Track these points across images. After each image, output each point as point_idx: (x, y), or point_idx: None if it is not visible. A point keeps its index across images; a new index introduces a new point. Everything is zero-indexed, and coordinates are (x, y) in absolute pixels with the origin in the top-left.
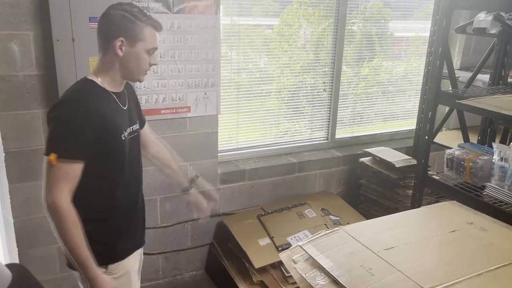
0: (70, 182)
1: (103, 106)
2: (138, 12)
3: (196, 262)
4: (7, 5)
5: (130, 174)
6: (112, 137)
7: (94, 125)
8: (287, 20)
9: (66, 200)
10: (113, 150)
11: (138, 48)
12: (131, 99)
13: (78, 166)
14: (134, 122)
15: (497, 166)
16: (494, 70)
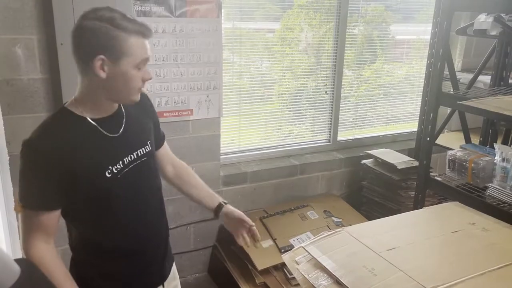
0: (41, 230)
1: (73, 142)
2: (119, 19)
3: (199, 265)
4: (11, 10)
5: (133, 211)
6: (90, 177)
7: (61, 168)
8: (289, 24)
9: (34, 249)
10: (94, 191)
11: (124, 65)
12: (137, 118)
13: (49, 216)
14: (140, 146)
15: (499, 167)
16: (495, 71)
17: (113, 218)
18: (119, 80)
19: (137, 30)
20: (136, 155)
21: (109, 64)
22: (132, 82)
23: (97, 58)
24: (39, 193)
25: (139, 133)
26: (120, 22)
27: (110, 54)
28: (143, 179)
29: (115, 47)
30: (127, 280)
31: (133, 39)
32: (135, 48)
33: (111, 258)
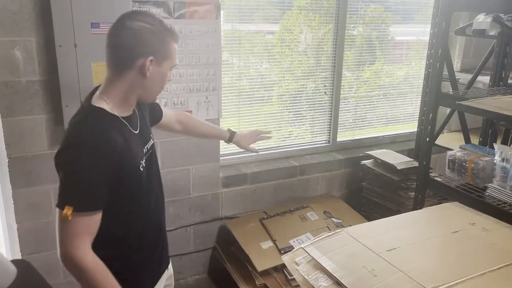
0: (90, 233)
1: (118, 141)
2: (161, 24)
3: (198, 266)
4: (10, 12)
5: (149, 200)
6: (130, 173)
7: (110, 167)
8: (288, 25)
9: (89, 254)
10: (131, 186)
11: (165, 67)
12: (141, 115)
13: (97, 216)
14: (148, 138)
15: (499, 167)
16: (494, 71)
17: (139, 209)
18: (157, 80)
19: (176, 37)
20: (147, 148)
21: (155, 64)
22: (164, 83)
23: (148, 59)
24: (93, 193)
25: (146, 128)
26: (163, 28)
27: (158, 56)
28: (153, 169)
29: (163, 50)
30: (150, 268)
31: (173, 45)
32: (174, 54)
33: (136, 249)
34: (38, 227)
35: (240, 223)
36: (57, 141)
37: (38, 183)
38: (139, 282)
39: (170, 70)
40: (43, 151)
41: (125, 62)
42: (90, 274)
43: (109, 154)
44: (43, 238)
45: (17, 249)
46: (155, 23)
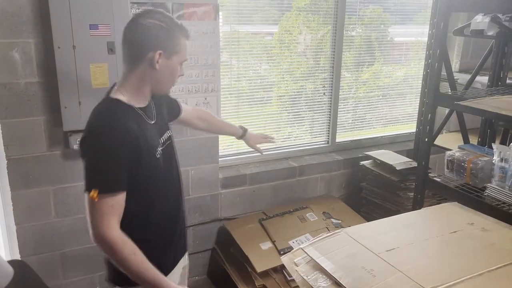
0: (116, 213)
1: (134, 128)
2: (171, 22)
3: (198, 268)
4: (8, 14)
5: (168, 188)
6: (147, 159)
7: (128, 151)
8: (287, 27)
9: (116, 231)
10: (149, 171)
11: (174, 60)
12: (158, 107)
13: (121, 197)
14: (165, 129)
15: (498, 167)
16: (493, 71)
17: (157, 194)
18: (167, 73)
19: (184, 34)
20: (164, 138)
21: (164, 58)
22: (174, 76)
23: (156, 52)
24: (115, 175)
25: (163, 119)
26: (173, 24)
27: (166, 50)
28: (171, 157)
29: (171, 45)
30: (169, 250)
31: (182, 41)
32: (183, 49)
33: (156, 230)
34: (37, 229)
35: (239, 224)
36: (56, 143)
37: (37, 185)
38: (159, 263)
39: (181, 65)
40: (42, 152)
41: (137, 56)
42: (118, 250)
43: (126, 140)
44: (42, 239)
45: (16, 250)
46: (165, 19)
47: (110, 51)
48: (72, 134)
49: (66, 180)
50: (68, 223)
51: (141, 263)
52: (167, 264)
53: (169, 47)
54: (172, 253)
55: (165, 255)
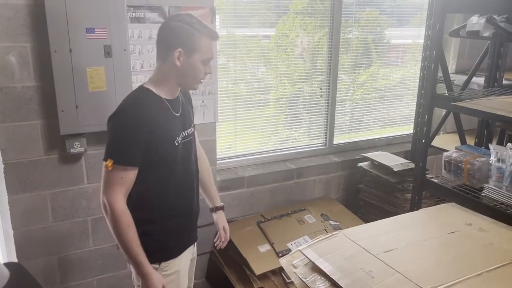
0: (124, 186)
1: (156, 114)
2: (196, 23)
3: (197, 271)
4: (4, 18)
5: (184, 177)
6: (164, 144)
7: (146, 133)
8: (284, 30)
9: (120, 202)
10: (166, 156)
11: (195, 59)
12: (186, 105)
13: (132, 172)
14: (189, 126)
15: (495, 167)
16: (489, 72)
17: (173, 180)
18: (189, 69)
19: (208, 33)
20: (187, 133)
21: (184, 56)
22: (197, 73)
23: (176, 50)
24: (130, 151)
25: (187, 116)
26: (197, 26)
27: (186, 49)
28: (190, 152)
29: (191, 44)
30: (179, 236)
31: (204, 40)
32: (205, 47)
33: (167, 215)
34: (34, 233)
35: (238, 227)
36: (53, 147)
37: (34, 189)
38: (168, 246)
39: (204, 63)
40: (39, 156)
41: (164, 54)
42: (116, 218)
43: (144, 122)
44: (39, 243)
45: (14, 255)
46: (190, 21)
47: (106, 55)
48: (69, 138)
49: (63, 184)
50: (65, 227)
51: (132, 239)
52: (176, 246)
53: (189, 46)
54: (182, 239)
55: (176, 238)
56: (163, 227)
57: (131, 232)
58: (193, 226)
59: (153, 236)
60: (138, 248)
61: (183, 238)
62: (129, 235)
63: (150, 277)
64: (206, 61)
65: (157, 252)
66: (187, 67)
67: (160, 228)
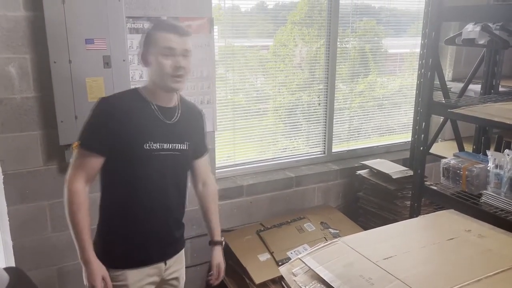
0: (84, 170)
1: (131, 112)
2: (158, 24)
3: (196, 281)
4: (4, 30)
5: (155, 189)
6: (131, 144)
7: (113, 125)
8: (282, 40)
9: (76, 183)
10: (132, 157)
11: (153, 54)
12: (187, 121)
13: (94, 159)
14: (181, 141)
15: (493, 173)
16: (485, 79)
17: (138, 183)
18: (153, 67)
19: (164, 27)
20: (173, 147)
21: (144, 56)
22: (162, 68)
23: (139, 53)
24: (95, 137)
25: (183, 131)
26: (155, 25)
27: (144, 48)
28: (169, 168)
29: (148, 43)
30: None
31: (159, 34)
32: (159, 40)
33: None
34: (33, 244)
35: (237, 236)
36: (52, 157)
37: (33, 200)
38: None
39: (166, 55)
40: (38, 167)
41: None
42: (67, 199)
43: (115, 114)
44: (39, 254)
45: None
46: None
47: (106, 65)
48: (68, 148)
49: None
50: (64, 237)
51: (79, 221)
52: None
53: (147, 45)
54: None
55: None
56: (119, 232)
57: (80, 215)
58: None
59: (107, 237)
60: (84, 232)
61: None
62: (77, 216)
63: (90, 264)
64: (164, 51)
65: (107, 255)
66: (152, 65)
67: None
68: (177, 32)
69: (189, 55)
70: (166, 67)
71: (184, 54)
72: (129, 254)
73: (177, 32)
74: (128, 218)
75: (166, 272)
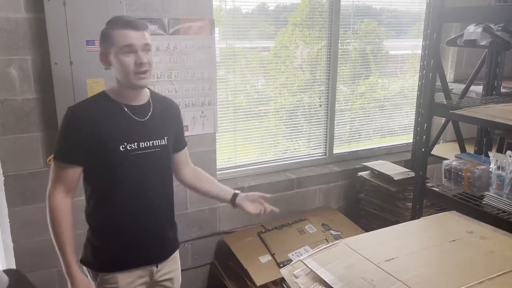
0: (62, 182)
1: (101, 116)
2: (112, 21)
3: (197, 282)
4: (5, 31)
5: (140, 190)
6: (106, 148)
7: (87, 133)
8: (283, 41)
9: (56, 198)
10: (109, 161)
11: (113, 53)
12: (162, 116)
13: (71, 170)
14: (155, 137)
15: (495, 175)
16: (487, 80)
17: (116, 186)
18: (115, 66)
19: (122, 24)
20: (152, 144)
21: (105, 56)
22: (124, 66)
23: (100, 54)
24: (68, 148)
25: (159, 127)
26: (112, 23)
27: (104, 48)
28: (151, 166)
29: (106, 42)
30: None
31: (117, 32)
32: (118, 37)
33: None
34: (34, 246)
35: (238, 238)
36: None
37: (34, 201)
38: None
39: (127, 53)
40: (39, 168)
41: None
42: (49, 213)
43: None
44: (39, 256)
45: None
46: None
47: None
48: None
49: None
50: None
51: (60, 235)
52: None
53: (106, 45)
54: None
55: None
56: (104, 236)
57: (61, 229)
58: (148, 246)
59: (94, 242)
60: (67, 247)
61: (127, 255)
62: (58, 231)
63: (74, 278)
64: (124, 49)
65: (94, 260)
66: (114, 65)
67: (101, 236)
68: (134, 27)
69: (150, 49)
70: (129, 65)
71: (145, 48)
72: (118, 257)
73: (134, 27)
74: (115, 223)
75: (158, 273)
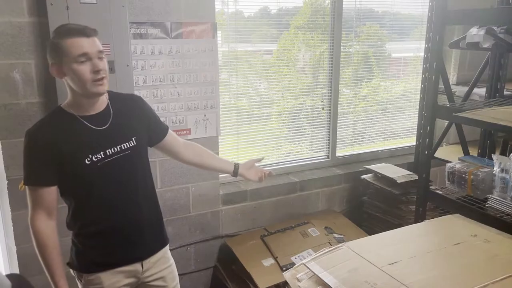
0: (39, 205)
1: (60, 133)
2: (60, 30)
3: (200, 286)
4: (9, 36)
5: (117, 196)
6: (72, 164)
7: (46, 154)
8: (286, 44)
9: (37, 222)
10: (79, 176)
11: (67, 64)
12: (124, 116)
13: (45, 191)
14: (121, 141)
15: (498, 177)
16: (490, 83)
17: (94, 202)
18: (72, 76)
19: (72, 33)
20: (119, 148)
21: (60, 67)
22: (80, 75)
23: (51, 66)
24: (34, 172)
25: (124, 129)
26: (60, 32)
27: (55, 59)
28: (125, 169)
29: (57, 54)
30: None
31: (68, 41)
32: (70, 48)
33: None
34: None
35: (241, 241)
36: None
37: None
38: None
39: (82, 62)
40: None
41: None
42: (33, 238)
43: (47, 144)
44: None
45: (16, 271)
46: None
47: (109, 70)
48: None
49: None
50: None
51: (46, 258)
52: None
53: (56, 56)
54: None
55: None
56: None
57: (47, 254)
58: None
59: (77, 246)
60: (53, 268)
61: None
62: (45, 255)
63: None
64: (79, 58)
65: (78, 260)
66: (69, 75)
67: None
68: (84, 34)
69: (104, 55)
70: (85, 73)
71: (99, 56)
72: (99, 258)
73: (85, 34)
74: (95, 229)
75: (145, 273)
